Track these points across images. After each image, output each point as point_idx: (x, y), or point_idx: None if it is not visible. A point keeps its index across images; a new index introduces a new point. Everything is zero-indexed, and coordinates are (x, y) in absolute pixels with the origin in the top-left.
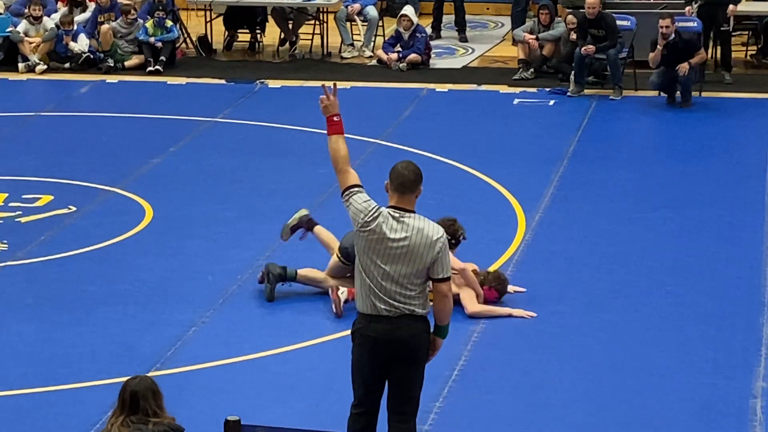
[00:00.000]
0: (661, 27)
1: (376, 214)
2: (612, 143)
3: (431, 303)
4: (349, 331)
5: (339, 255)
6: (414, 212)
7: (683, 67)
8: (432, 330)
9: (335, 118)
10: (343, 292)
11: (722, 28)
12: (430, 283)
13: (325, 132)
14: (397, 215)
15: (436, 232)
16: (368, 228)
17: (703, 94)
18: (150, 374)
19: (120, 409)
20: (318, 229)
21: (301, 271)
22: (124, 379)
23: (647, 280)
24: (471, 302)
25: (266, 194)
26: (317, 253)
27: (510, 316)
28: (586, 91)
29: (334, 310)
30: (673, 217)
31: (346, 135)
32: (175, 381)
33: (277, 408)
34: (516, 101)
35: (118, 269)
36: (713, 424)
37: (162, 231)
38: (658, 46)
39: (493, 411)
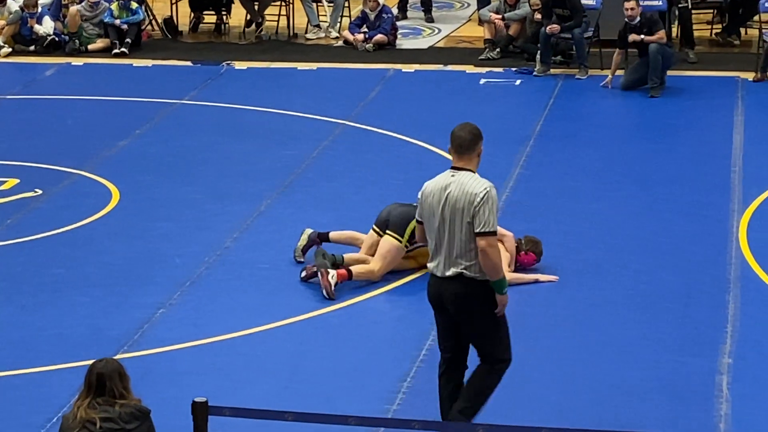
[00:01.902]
0: (626, 9)
1: (424, 187)
2: (578, 122)
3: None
4: (316, 313)
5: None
6: (472, 171)
7: (634, 38)
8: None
9: None
10: (333, 276)
11: (680, 5)
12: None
13: (291, 113)
14: (450, 173)
15: (477, 186)
16: (422, 195)
17: (669, 72)
18: (118, 357)
19: (86, 392)
20: (332, 235)
21: (347, 256)
22: (92, 361)
23: (614, 259)
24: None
25: (233, 176)
26: (284, 237)
27: (537, 281)
28: (552, 71)
29: (326, 294)
30: (639, 196)
31: (312, 116)
32: (143, 363)
33: (245, 389)
34: (482, 81)
35: (85, 252)
36: (679, 401)
37: (129, 213)
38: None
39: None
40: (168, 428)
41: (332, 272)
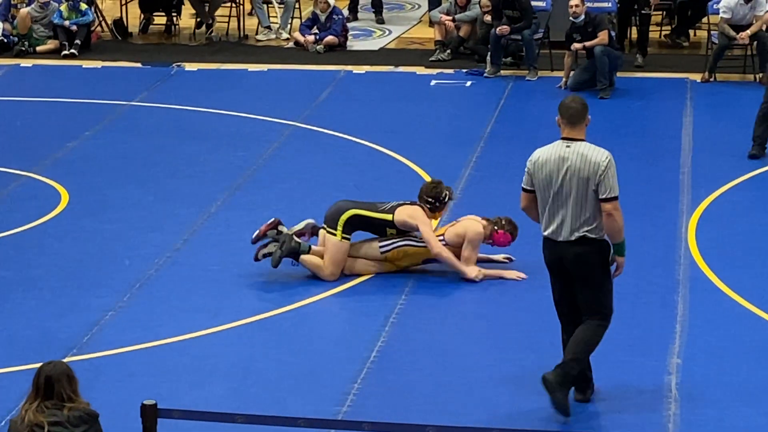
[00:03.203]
0: (571, 6)
1: (534, 158)
2: (528, 124)
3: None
4: (267, 315)
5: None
6: (583, 140)
7: (576, 47)
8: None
9: None
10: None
11: (643, 11)
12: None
13: (242, 115)
14: (565, 144)
15: (600, 155)
16: (534, 165)
17: (618, 74)
18: (67, 359)
19: (34, 395)
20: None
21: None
22: (40, 364)
23: None
24: (469, 265)
25: (184, 178)
26: (235, 239)
27: (501, 278)
28: (503, 72)
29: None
30: None
31: (263, 117)
32: (93, 366)
33: (195, 391)
34: (433, 82)
35: (34, 254)
36: (629, 401)
37: (78, 215)
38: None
39: (412, 392)
40: (117, 431)
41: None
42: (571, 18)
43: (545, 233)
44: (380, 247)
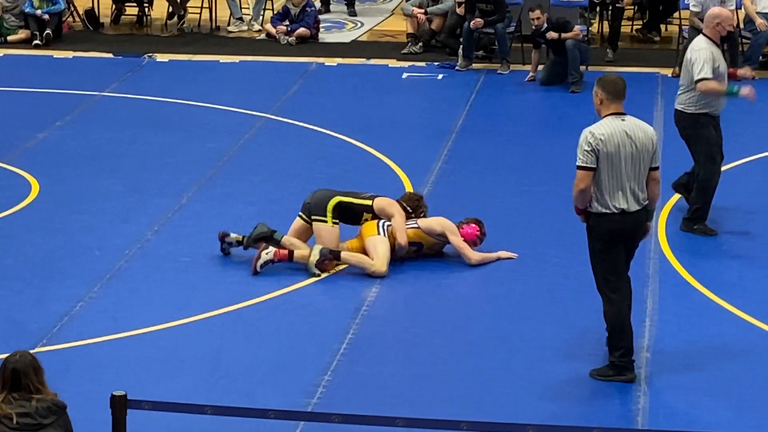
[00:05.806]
0: (532, 20)
1: (597, 135)
2: (499, 117)
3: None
4: (237, 306)
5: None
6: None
7: (552, 35)
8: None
9: None
10: (268, 252)
11: (617, 5)
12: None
13: (213, 106)
14: (619, 118)
15: (650, 128)
16: (600, 142)
17: (589, 68)
18: (36, 350)
19: (1, 387)
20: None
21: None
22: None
23: (534, 253)
24: (471, 252)
25: (154, 169)
26: (205, 231)
27: (499, 258)
28: (475, 66)
29: (251, 266)
30: (559, 191)
31: (234, 109)
32: (62, 357)
33: (165, 383)
34: (405, 75)
35: (3, 245)
36: (598, 396)
37: (48, 206)
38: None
39: (382, 384)
40: (87, 422)
41: (271, 249)
42: (533, 27)
43: (614, 208)
44: (335, 224)
